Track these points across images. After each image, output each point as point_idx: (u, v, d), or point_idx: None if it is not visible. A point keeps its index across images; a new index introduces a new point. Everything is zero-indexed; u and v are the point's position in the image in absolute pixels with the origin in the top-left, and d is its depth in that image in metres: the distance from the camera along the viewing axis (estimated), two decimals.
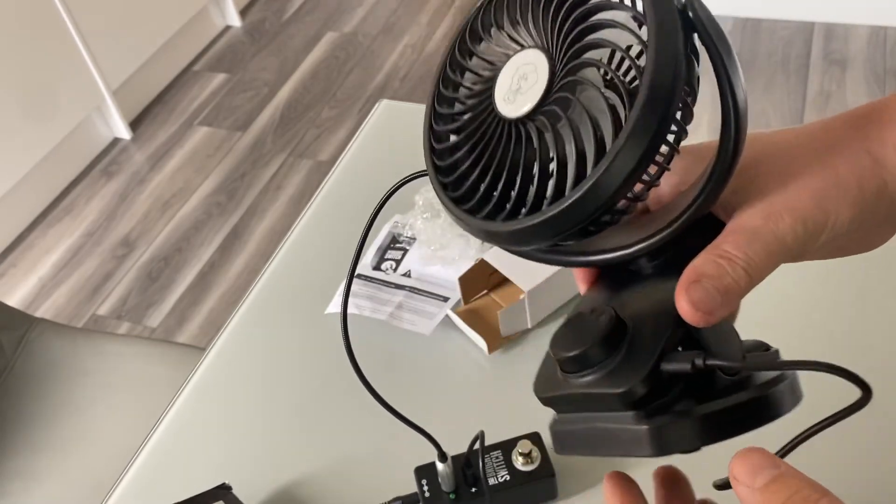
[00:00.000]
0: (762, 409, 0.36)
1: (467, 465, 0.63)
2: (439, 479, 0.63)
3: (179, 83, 2.51)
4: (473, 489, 0.63)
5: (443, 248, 0.80)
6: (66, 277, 2.01)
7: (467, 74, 0.38)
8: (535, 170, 0.35)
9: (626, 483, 0.38)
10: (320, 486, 0.68)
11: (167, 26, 2.41)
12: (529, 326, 0.75)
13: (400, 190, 0.48)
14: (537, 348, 0.74)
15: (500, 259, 0.75)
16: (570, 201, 0.33)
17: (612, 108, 0.33)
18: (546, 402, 0.39)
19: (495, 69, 0.37)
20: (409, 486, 0.65)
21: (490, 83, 0.37)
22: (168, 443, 0.74)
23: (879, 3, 2.26)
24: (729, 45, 0.34)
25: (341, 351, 0.54)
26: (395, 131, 0.99)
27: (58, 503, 1.02)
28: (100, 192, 2.21)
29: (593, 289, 0.42)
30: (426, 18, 2.63)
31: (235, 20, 2.69)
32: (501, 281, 0.78)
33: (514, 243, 0.36)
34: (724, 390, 0.35)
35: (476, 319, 0.76)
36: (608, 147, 0.33)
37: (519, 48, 0.36)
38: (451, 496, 0.63)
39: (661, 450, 0.34)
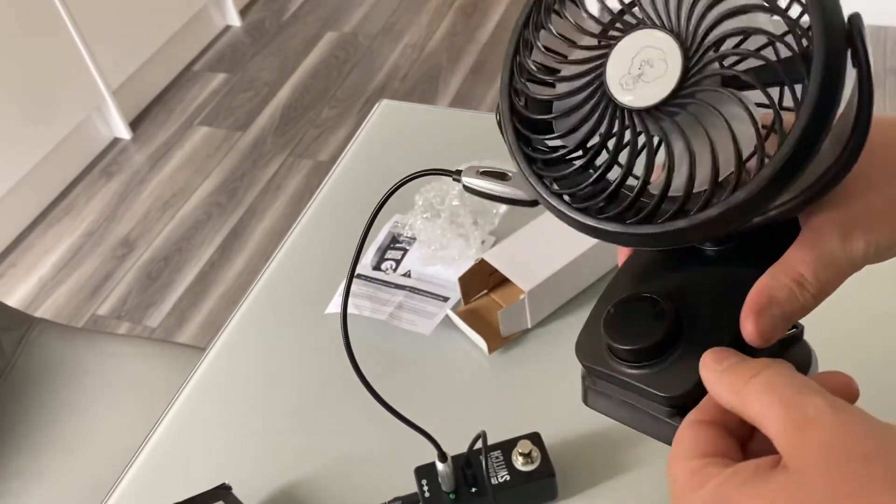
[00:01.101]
0: None
1: (467, 465, 0.63)
2: (439, 479, 0.63)
3: (179, 83, 2.51)
4: (473, 489, 0.63)
5: (443, 248, 0.80)
6: (66, 277, 2.01)
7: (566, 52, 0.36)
8: (663, 170, 0.33)
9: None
10: (320, 486, 0.68)
11: (167, 26, 2.41)
12: (529, 326, 0.75)
13: (400, 190, 0.48)
14: (537, 348, 0.74)
15: (500, 259, 0.75)
16: (737, 201, 0.31)
17: (751, 114, 0.31)
18: (587, 369, 0.39)
19: (605, 45, 0.33)
20: (409, 486, 0.65)
21: (598, 62, 0.34)
22: (168, 443, 0.74)
23: (879, 4, 2.26)
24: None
25: (341, 351, 0.54)
26: (395, 131, 0.99)
27: (58, 503, 1.02)
28: (100, 191, 2.21)
29: (637, 259, 0.40)
30: (426, 18, 2.63)
31: (235, 20, 2.69)
32: (501, 281, 0.78)
33: (645, 244, 0.34)
34: None
35: (476, 319, 0.76)
36: (751, 155, 0.31)
37: (637, 25, 0.33)
38: (451, 496, 0.63)
39: None
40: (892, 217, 0.35)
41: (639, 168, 0.34)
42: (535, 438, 0.64)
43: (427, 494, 0.63)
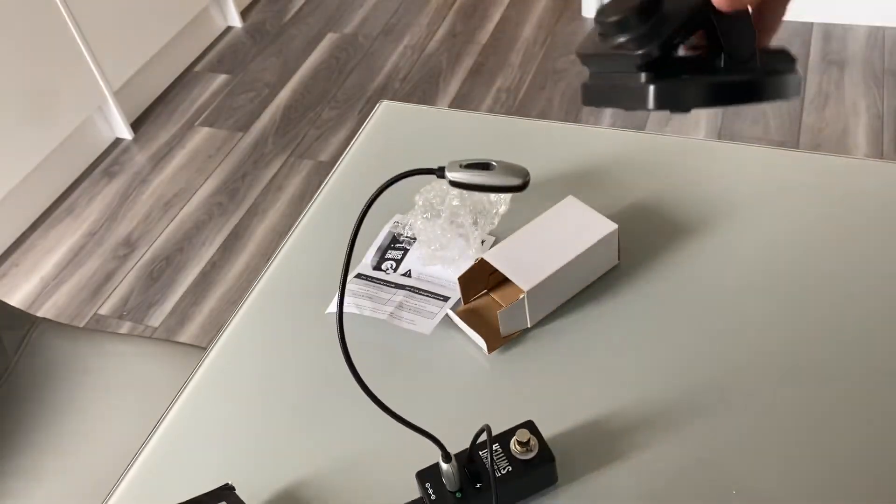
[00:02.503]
0: (754, 90, 0.44)
1: (469, 462, 0.64)
2: (444, 480, 0.63)
3: (181, 84, 2.52)
4: (478, 485, 0.63)
5: (443, 248, 0.80)
6: (67, 277, 2.02)
7: None
8: None
9: None
10: (324, 486, 0.69)
11: (169, 27, 2.41)
12: (529, 326, 0.75)
13: (400, 190, 0.48)
14: (537, 348, 0.74)
15: (500, 259, 0.75)
16: None
17: None
18: (584, 59, 0.46)
19: None
20: (413, 485, 0.65)
21: None
22: (169, 442, 0.75)
23: (877, 4, 2.27)
24: None
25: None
26: (395, 132, 0.99)
27: (59, 502, 1.02)
28: (101, 192, 2.22)
29: None
30: (426, 19, 2.63)
31: (236, 21, 2.69)
32: (501, 281, 0.78)
33: None
34: (727, 72, 0.43)
35: (476, 319, 0.76)
36: None
37: None
38: (457, 495, 0.63)
39: (659, 105, 0.42)
40: None
41: None
42: (530, 427, 0.65)
43: (433, 497, 0.63)
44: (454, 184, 0.46)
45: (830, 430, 0.65)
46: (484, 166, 0.45)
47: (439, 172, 0.46)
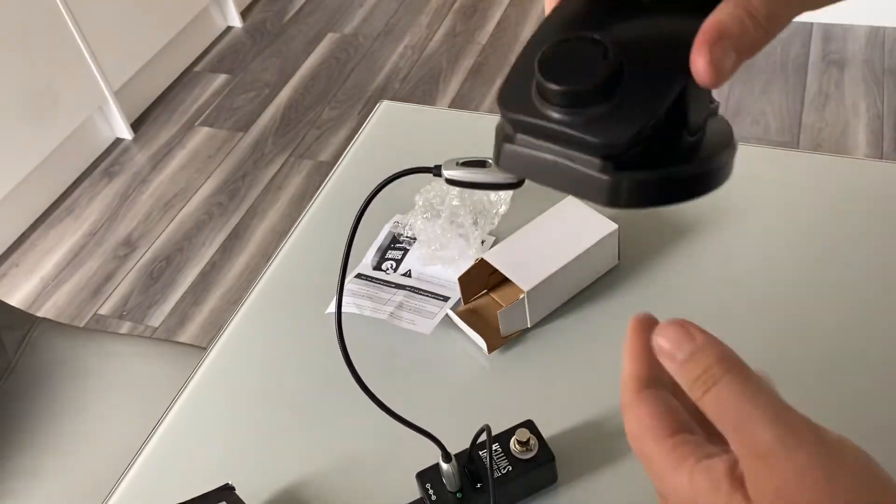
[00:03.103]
0: (709, 181, 0.35)
1: (469, 462, 0.64)
2: (444, 480, 0.63)
3: (181, 84, 2.52)
4: (478, 485, 0.63)
5: (443, 248, 0.80)
6: (67, 277, 2.02)
7: None
8: None
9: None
10: (324, 486, 0.69)
11: (169, 27, 2.41)
12: (529, 326, 0.75)
13: (400, 190, 0.48)
14: (537, 348, 0.74)
15: (500, 259, 0.75)
16: None
17: None
18: (511, 120, 0.36)
19: None
20: (413, 485, 0.65)
21: None
22: (169, 443, 0.74)
23: (877, 4, 2.27)
24: None
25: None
26: (395, 132, 0.99)
27: (59, 502, 1.02)
28: (101, 192, 2.22)
29: (570, 4, 0.37)
30: (426, 20, 2.63)
31: (237, 21, 2.69)
32: (501, 281, 0.78)
33: None
34: (680, 153, 0.34)
35: (476, 319, 0.76)
36: None
37: None
38: (457, 495, 0.63)
39: (614, 203, 0.34)
40: None
41: None
42: (530, 426, 0.65)
43: (434, 498, 0.63)
44: (450, 181, 0.46)
45: (832, 429, 0.65)
46: (480, 164, 0.45)
47: (435, 171, 0.46)
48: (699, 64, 0.31)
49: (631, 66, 0.32)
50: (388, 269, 0.82)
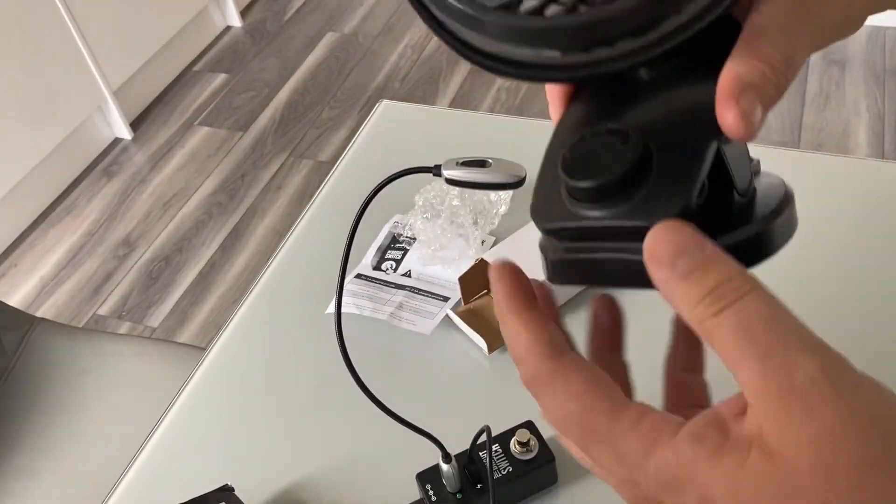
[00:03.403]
0: (774, 238, 0.33)
1: (469, 463, 0.63)
2: (444, 481, 0.63)
3: (180, 83, 2.52)
4: (478, 486, 0.63)
5: (443, 248, 0.80)
6: (66, 277, 2.01)
7: None
8: None
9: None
10: (324, 487, 0.68)
11: (168, 27, 2.41)
12: None
13: (400, 190, 0.48)
14: None
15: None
16: None
17: None
18: (551, 232, 0.34)
19: None
20: (413, 486, 0.65)
21: None
22: (169, 443, 0.74)
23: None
24: None
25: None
26: (395, 132, 0.99)
27: (58, 503, 1.02)
28: (101, 191, 2.22)
29: (575, 108, 0.35)
30: None
31: (236, 20, 2.69)
32: None
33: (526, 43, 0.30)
34: (737, 216, 0.32)
35: (476, 319, 0.76)
36: None
37: None
38: (457, 496, 0.63)
39: None
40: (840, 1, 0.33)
41: None
42: (530, 427, 0.65)
43: (433, 499, 0.63)
44: (450, 181, 0.46)
45: None
46: (480, 164, 0.45)
47: (435, 170, 0.46)
48: (728, 118, 0.29)
49: (657, 142, 0.31)
50: (387, 269, 0.82)
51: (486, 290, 0.79)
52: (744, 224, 0.32)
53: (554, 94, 0.36)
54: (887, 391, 0.26)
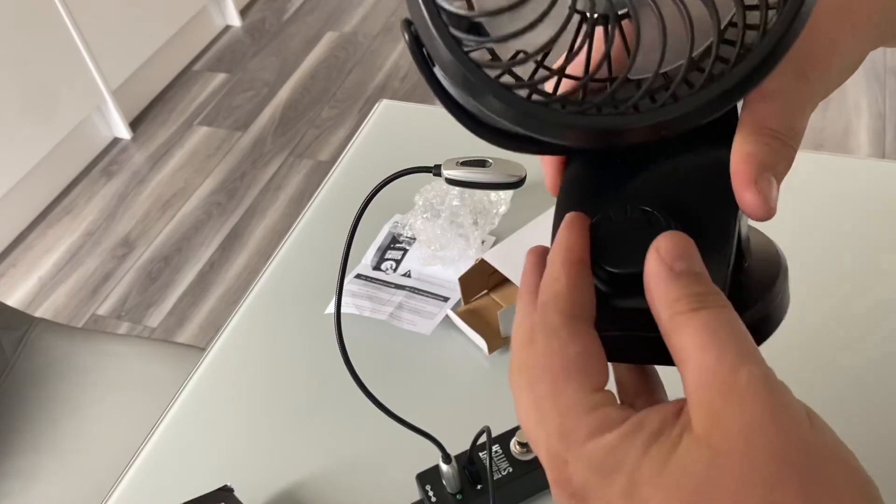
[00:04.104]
0: (777, 317, 0.34)
1: (469, 463, 0.63)
2: (444, 481, 0.63)
3: (179, 83, 2.51)
4: (478, 486, 0.63)
5: (443, 248, 0.80)
6: (65, 277, 2.01)
7: None
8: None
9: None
10: (323, 488, 0.68)
11: (167, 26, 2.41)
12: None
13: (400, 190, 0.48)
14: None
15: (500, 259, 0.75)
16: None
17: None
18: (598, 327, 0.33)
19: None
20: (413, 486, 0.65)
21: None
22: (168, 443, 0.74)
23: None
24: None
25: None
26: (395, 131, 0.99)
27: (58, 503, 1.02)
28: (100, 191, 2.21)
29: (578, 173, 0.35)
30: None
31: (235, 20, 2.69)
32: (501, 281, 0.78)
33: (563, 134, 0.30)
34: (743, 297, 0.32)
35: (476, 319, 0.76)
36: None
37: None
38: (457, 497, 0.63)
39: None
40: (837, 55, 0.34)
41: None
42: None
43: (433, 499, 0.63)
44: (450, 181, 0.45)
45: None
46: (480, 163, 0.45)
47: (435, 170, 0.46)
48: (749, 202, 0.30)
49: (679, 221, 0.31)
50: (387, 269, 0.82)
51: (486, 290, 0.79)
52: (749, 303, 0.32)
53: (549, 171, 0.36)
54: (818, 418, 0.28)
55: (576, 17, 0.30)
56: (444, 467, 0.62)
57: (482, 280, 0.77)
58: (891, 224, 0.78)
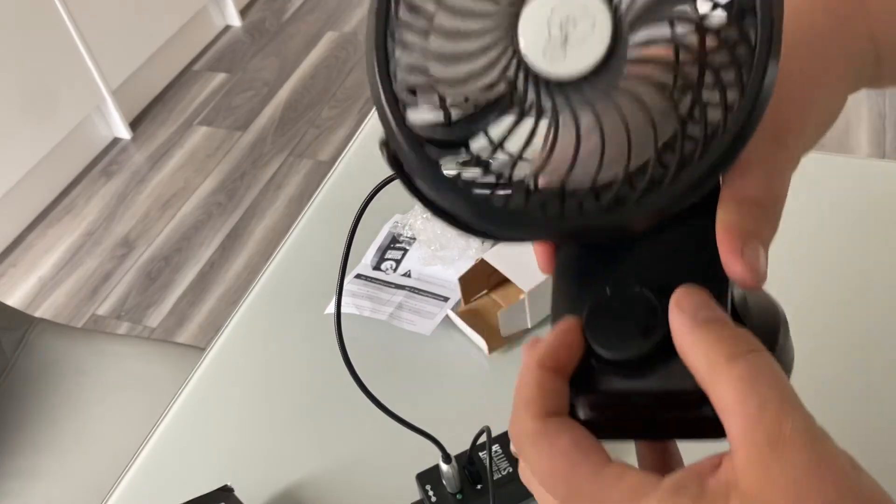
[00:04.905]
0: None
1: (469, 463, 0.63)
2: (444, 481, 0.63)
3: (179, 83, 2.51)
4: (478, 486, 0.63)
5: (443, 248, 0.80)
6: (65, 277, 2.01)
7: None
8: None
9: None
10: (322, 488, 0.68)
11: (167, 26, 2.41)
12: (529, 326, 0.75)
13: (400, 190, 0.47)
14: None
15: (500, 259, 0.75)
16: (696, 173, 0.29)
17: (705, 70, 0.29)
18: (591, 406, 0.34)
19: (503, 9, 0.29)
20: (413, 486, 0.65)
21: (503, 28, 0.29)
22: (168, 444, 0.74)
23: None
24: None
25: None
26: None
27: (57, 503, 1.02)
28: (99, 191, 2.21)
29: (567, 270, 0.35)
30: None
31: (235, 20, 2.69)
32: (501, 281, 0.78)
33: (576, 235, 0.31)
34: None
35: (476, 319, 0.76)
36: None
37: None
38: (457, 497, 0.63)
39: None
40: (811, 115, 0.34)
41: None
42: None
43: (433, 499, 0.63)
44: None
45: (832, 425, 0.64)
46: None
47: None
48: (737, 271, 0.31)
49: (667, 296, 0.31)
50: (387, 269, 0.82)
51: (486, 290, 0.79)
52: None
53: (541, 253, 0.36)
54: (859, 466, 0.28)
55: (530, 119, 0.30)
56: (444, 467, 0.62)
57: (482, 280, 0.77)
58: (890, 224, 0.78)
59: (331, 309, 0.80)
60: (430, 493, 0.63)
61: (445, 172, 0.31)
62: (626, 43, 0.29)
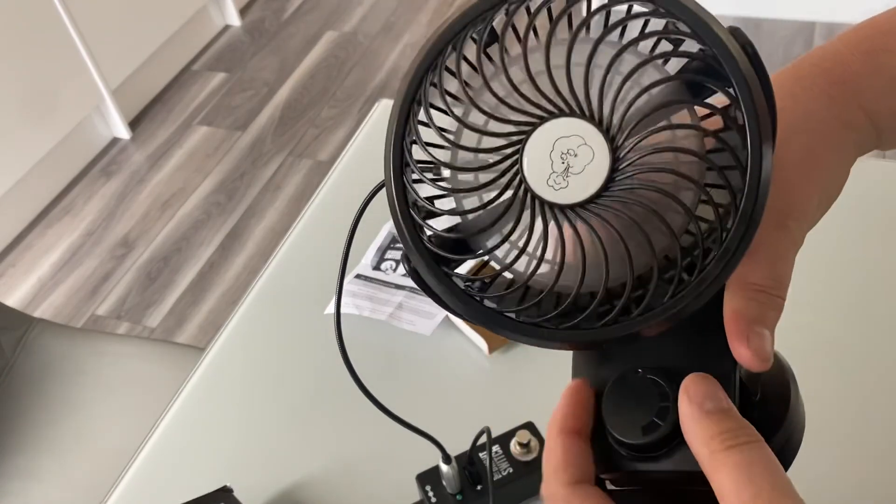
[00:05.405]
0: (797, 438, 0.36)
1: (469, 464, 0.63)
2: (444, 482, 0.63)
3: (179, 83, 2.51)
4: (478, 487, 0.63)
5: None
6: (65, 277, 2.01)
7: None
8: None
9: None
10: (322, 489, 0.68)
11: (166, 26, 2.41)
12: None
13: None
14: (538, 349, 0.74)
15: None
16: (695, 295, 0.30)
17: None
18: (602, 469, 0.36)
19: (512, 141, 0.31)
20: (413, 486, 0.65)
21: (508, 160, 0.31)
22: (167, 444, 0.74)
23: (879, 4, 2.26)
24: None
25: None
26: None
27: (57, 503, 1.02)
28: (99, 191, 2.21)
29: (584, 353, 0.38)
30: (426, 18, 2.63)
31: (235, 19, 2.69)
32: None
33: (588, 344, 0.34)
34: (768, 428, 0.34)
35: None
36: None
37: (541, 117, 0.31)
38: (457, 497, 0.63)
39: None
40: (812, 195, 0.36)
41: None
42: (531, 428, 0.64)
43: (433, 500, 0.63)
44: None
45: (833, 431, 0.64)
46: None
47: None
48: (744, 356, 0.32)
49: (677, 380, 0.33)
50: (387, 269, 0.82)
51: None
52: (769, 436, 0.33)
53: None
54: None
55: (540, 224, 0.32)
56: (444, 468, 0.62)
57: None
58: (890, 224, 0.78)
59: (331, 309, 0.80)
60: (430, 493, 0.63)
61: (458, 284, 0.35)
62: (626, 161, 0.30)
